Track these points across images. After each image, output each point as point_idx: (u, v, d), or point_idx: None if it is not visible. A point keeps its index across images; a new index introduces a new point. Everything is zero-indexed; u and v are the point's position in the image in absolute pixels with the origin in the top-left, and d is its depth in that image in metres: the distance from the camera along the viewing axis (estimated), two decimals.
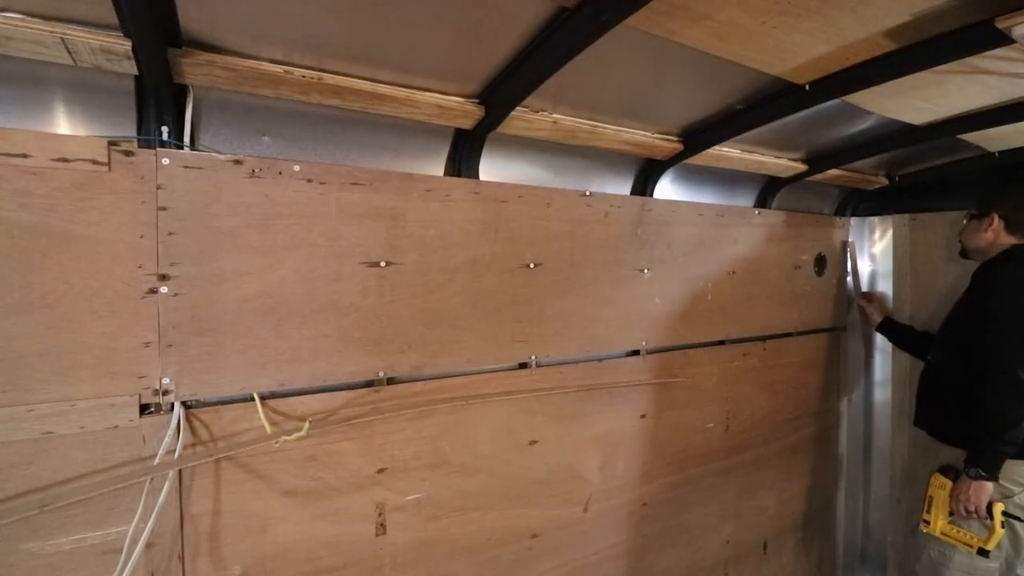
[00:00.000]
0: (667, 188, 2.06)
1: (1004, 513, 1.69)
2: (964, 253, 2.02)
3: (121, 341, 1.12)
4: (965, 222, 1.99)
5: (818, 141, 2.00)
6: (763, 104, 1.54)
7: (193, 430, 1.20)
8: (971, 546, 1.73)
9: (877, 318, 2.45)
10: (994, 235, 1.87)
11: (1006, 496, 1.73)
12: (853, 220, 2.69)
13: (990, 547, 1.69)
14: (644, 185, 1.94)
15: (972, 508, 1.69)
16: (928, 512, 1.83)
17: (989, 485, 1.68)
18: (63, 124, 1.12)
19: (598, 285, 1.78)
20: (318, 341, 1.32)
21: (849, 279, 2.66)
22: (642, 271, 1.89)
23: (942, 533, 1.80)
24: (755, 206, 2.32)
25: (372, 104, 1.30)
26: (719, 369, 2.17)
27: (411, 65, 1.24)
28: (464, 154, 1.53)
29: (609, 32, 1.05)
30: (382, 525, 1.44)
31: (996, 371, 1.68)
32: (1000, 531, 1.68)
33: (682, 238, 1.99)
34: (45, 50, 0.97)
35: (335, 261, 1.33)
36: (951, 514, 1.78)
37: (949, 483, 1.79)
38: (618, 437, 1.88)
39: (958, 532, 1.76)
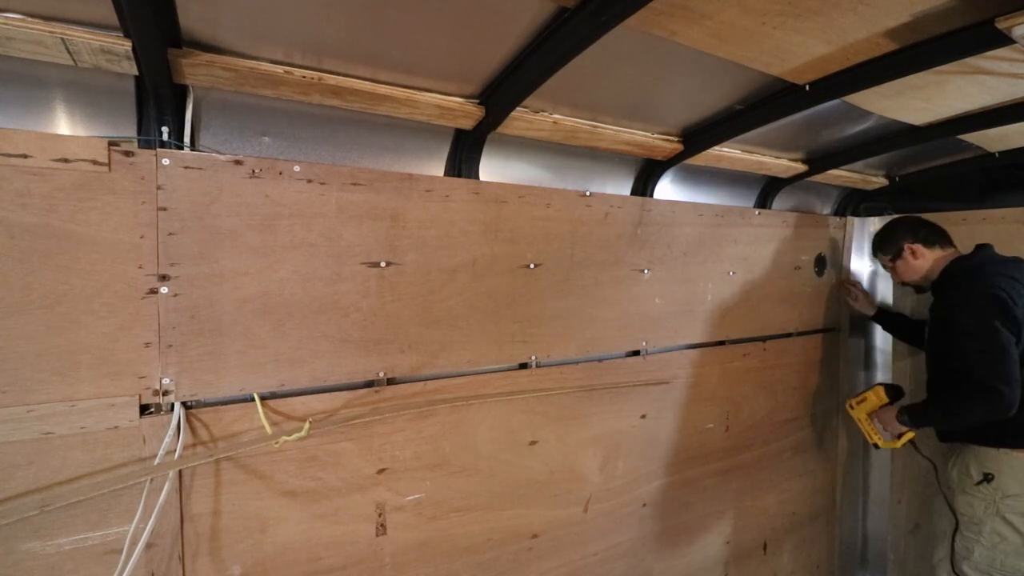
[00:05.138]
0: (667, 188, 2.06)
1: (911, 442, 2.05)
2: (919, 289, 2.08)
3: (121, 341, 1.12)
4: (891, 270, 2.11)
5: (818, 141, 2.00)
6: (763, 104, 1.54)
7: (193, 430, 1.20)
8: (871, 436, 2.12)
9: (869, 311, 2.46)
10: (923, 259, 1.98)
11: (1007, 495, 1.75)
12: (853, 220, 2.69)
13: (880, 446, 2.11)
14: (644, 185, 1.94)
15: (883, 428, 2.06)
16: (859, 403, 2.15)
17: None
18: (63, 124, 1.12)
19: (598, 285, 1.78)
20: (318, 341, 1.32)
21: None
22: (642, 271, 1.89)
23: (858, 418, 2.16)
24: (755, 206, 2.32)
25: (372, 104, 1.30)
26: (719, 369, 2.17)
27: (411, 65, 1.24)
28: (464, 154, 1.53)
29: (609, 32, 1.05)
30: (382, 525, 1.44)
31: (974, 380, 1.72)
32: (897, 445, 2.05)
33: (682, 238, 1.99)
34: (45, 50, 0.97)
35: (335, 261, 1.33)
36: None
37: (885, 401, 2.07)
38: (618, 437, 1.88)
39: (869, 424, 2.12)
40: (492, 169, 1.62)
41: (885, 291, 2.67)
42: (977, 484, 1.82)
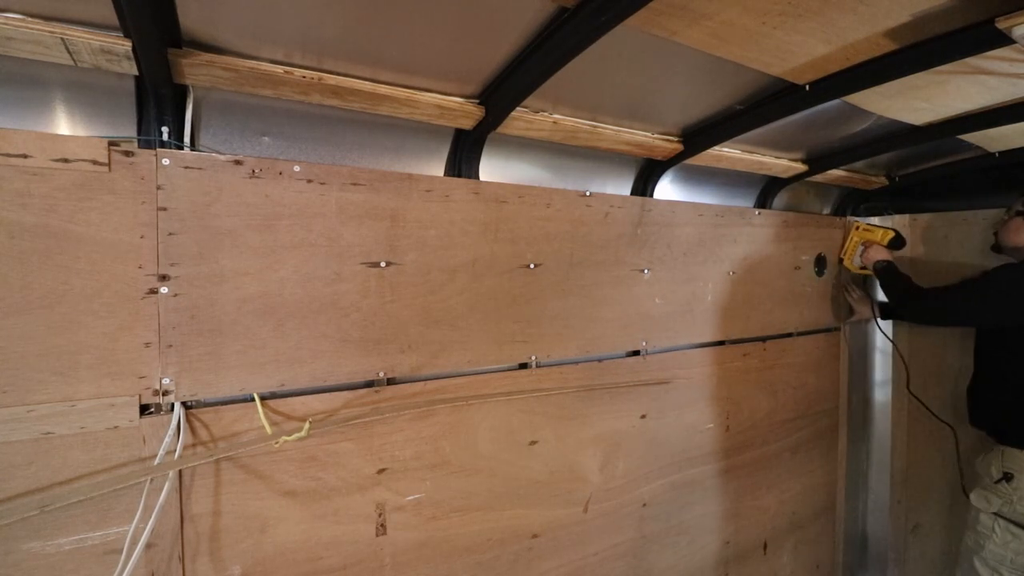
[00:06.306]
0: (667, 188, 2.06)
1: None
2: (998, 248, 2.00)
3: (121, 341, 1.12)
4: (1007, 217, 1.97)
5: (818, 141, 2.00)
6: (763, 104, 1.54)
7: (193, 430, 1.20)
8: (847, 255, 2.41)
9: (875, 314, 2.44)
10: None
11: (988, 488, 1.81)
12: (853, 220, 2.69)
13: (844, 263, 2.44)
14: (644, 185, 1.94)
15: (861, 256, 2.32)
16: (865, 230, 2.38)
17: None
18: (63, 124, 1.12)
19: (598, 285, 1.78)
20: (318, 341, 1.32)
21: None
22: (642, 271, 1.89)
23: (852, 238, 2.42)
24: (755, 206, 2.32)
25: (372, 104, 1.30)
26: (719, 369, 2.17)
27: (411, 65, 1.24)
28: (464, 154, 1.53)
29: (609, 32, 1.05)
30: (382, 525, 1.44)
31: (935, 297, 1.93)
32: (854, 270, 2.40)
33: (682, 238, 1.99)
34: (45, 50, 0.97)
35: (335, 261, 1.33)
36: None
37: (883, 244, 2.25)
38: (618, 437, 1.88)
39: (855, 248, 2.39)
40: (492, 169, 1.62)
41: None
42: (996, 483, 1.84)
